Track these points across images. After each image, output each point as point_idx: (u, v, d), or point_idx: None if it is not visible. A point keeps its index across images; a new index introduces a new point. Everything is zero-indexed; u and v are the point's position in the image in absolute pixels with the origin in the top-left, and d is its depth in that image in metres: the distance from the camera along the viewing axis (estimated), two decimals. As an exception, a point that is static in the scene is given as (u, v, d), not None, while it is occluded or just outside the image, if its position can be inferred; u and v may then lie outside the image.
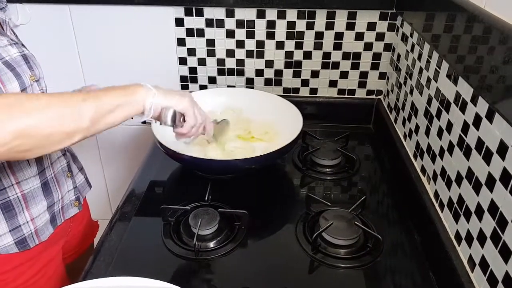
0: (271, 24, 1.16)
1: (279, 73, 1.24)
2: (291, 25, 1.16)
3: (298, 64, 1.22)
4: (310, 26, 1.16)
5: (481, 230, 0.63)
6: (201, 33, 1.19)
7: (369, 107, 1.26)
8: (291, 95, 1.27)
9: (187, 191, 0.99)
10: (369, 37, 1.17)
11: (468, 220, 0.68)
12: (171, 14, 1.17)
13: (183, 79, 1.27)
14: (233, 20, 1.16)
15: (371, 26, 1.15)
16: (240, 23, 1.16)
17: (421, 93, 0.92)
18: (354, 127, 1.23)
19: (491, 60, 0.60)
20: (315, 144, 1.10)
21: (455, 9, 0.72)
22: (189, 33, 1.19)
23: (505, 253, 0.57)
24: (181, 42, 1.21)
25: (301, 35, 1.17)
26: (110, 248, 0.82)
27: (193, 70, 1.25)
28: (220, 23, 1.17)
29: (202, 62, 1.24)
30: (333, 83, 1.25)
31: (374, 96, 1.26)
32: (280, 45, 1.19)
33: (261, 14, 1.15)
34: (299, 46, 1.19)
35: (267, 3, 1.12)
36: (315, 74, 1.23)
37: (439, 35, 0.79)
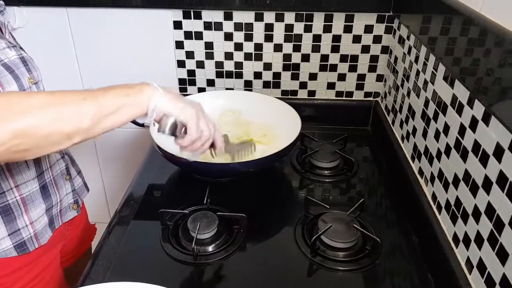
0: (269, 27, 1.16)
1: (277, 76, 1.24)
2: (289, 28, 1.16)
3: (296, 66, 1.22)
4: (308, 29, 1.16)
5: (478, 232, 0.64)
6: (199, 36, 1.19)
7: (367, 109, 1.27)
8: (289, 97, 1.27)
9: (185, 194, 0.99)
10: (367, 39, 1.17)
11: (465, 222, 0.68)
12: (169, 17, 1.17)
13: (182, 81, 1.27)
14: (231, 23, 1.16)
15: (368, 28, 1.15)
16: (238, 26, 1.17)
17: (418, 95, 0.92)
18: (352, 129, 1.23)
19: (487, 63, 0.60)
20: (314, 146, 1.10)
21: (451, 13, 0.72)
22: (188, 36, 1.20)
23: (502, 256, 0.57)
24: (179, 45, 1.21)
25: (299, 37, 1.18)
26: (108, 252, 0.82)
27: (191, 72, 1.25)
28: (218, 26, 1.17)
29: (200, 64, 1.24)
30: (331, 85, 1.25)
31: (371, 98, 1.27)
32: (278, 48, 1.19)
33: (259, 17, 1.15)
34: (297, 48, 1.19)
35: (265, 6, 1.12)
36: (313, 76, 1.24)
37: (436, 38, 0.79)
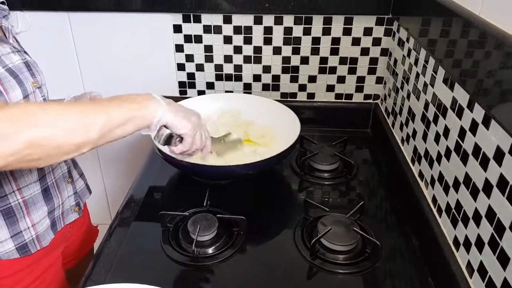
0: (268, 30, 1.17)
1: (276, 78, 1.24)
2: (288, 30, 1.16)
3: (295, 69, 1.22)
4: (307, 31, 1.16)
5: (479, 236, 0.64)
6: (199, 39, 1.19)
7: (367, 111, 1.27)
8: (289, 100, 1.27)
9: (185, 196, 0.99)
10: (366, 42, 1.17)
11: (466, 225, 0.68)
12: (169, 21, 1.17)
13: (181, 84, 1.27)
14: (230, 26, 1.17)
15: (368, 31, 1.16)
16: (237, 29, 1.17)
17: (418, 98, 0.92)
18: (351, 132, 1.23)
19: (487, 66, 0.60)
20: (313, 149, 1.10)
21: (450, 15, 0.72)
22: (187, 39, 1.20)
23: (503, 260, 0.57)
24: (179, 48, 1.21)
25: (298, 40, 1.18)
26: (109, 254, 0.82)
27: (191, 76, 1.26)
28: (217, 29, 1.17)
29: (200, 68, 1.24)
30: (330, 88, 1.25)
31: (371, 100, 1.27)
32: (277, 51, 1.20)
33: (258, 20, 1.15)
34: (296, 51, 1.19)
35: (264, 9, 1.12)
36: (312, 79, 1.24)
37: (435, 40, 0.80)
